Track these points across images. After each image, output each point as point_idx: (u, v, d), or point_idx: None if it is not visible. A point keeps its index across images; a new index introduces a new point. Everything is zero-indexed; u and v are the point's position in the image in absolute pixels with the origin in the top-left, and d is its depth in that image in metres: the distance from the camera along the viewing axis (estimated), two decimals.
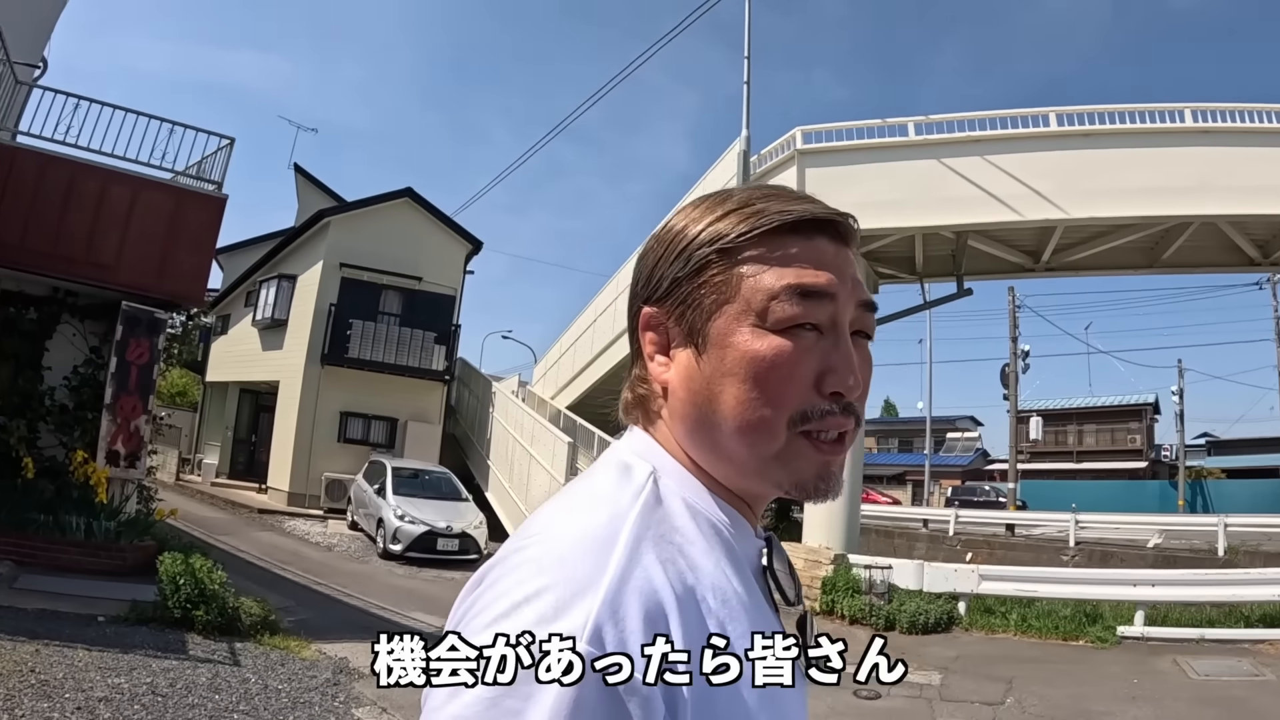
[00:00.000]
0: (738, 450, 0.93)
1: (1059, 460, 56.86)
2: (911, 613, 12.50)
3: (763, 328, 0.91)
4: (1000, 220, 15.70)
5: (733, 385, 0.92)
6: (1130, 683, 9.65)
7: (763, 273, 0.92)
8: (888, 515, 34.35)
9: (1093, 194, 15.75)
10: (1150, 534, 24.73)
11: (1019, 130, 15.87)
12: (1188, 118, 16.32)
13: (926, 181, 15.65)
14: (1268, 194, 16.09)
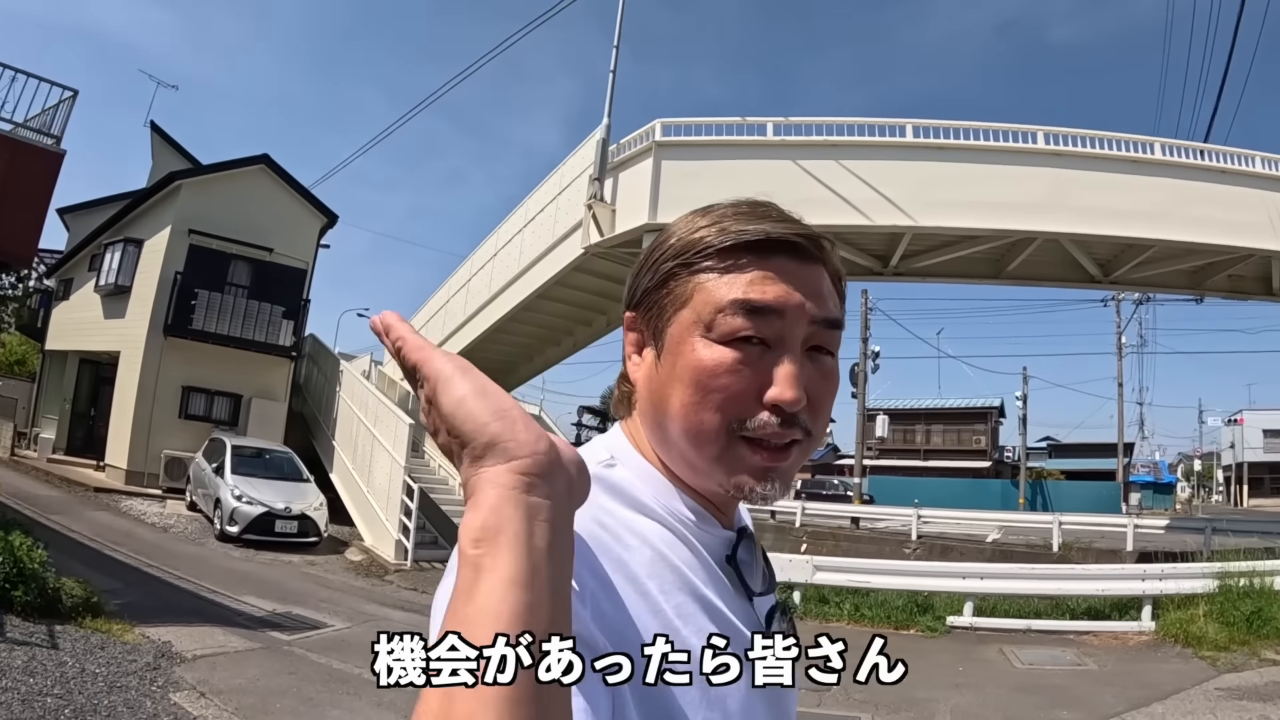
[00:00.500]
0: (685, 450, 1.00)
1: (907, 457, 59.08)
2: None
3: (709, 338, 0.96)
4: (850, 223, 15.95)
5: (679, 389, 0.97)
6: (956, 670, 10.01)
7: (714, 287, 0.98)
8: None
9: (941, 204, 16.26)
10: (990, 529, 25.64)
11: (875, 138, 16.28)
12: (1040, 139, 17.02)
13: (781, 181, 15.71)
14: (1110, 216, 16.93)
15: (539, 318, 21.37)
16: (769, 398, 0.95)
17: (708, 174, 15.83)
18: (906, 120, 16.46)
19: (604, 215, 16.06)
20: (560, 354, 25.24)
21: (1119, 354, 46.88)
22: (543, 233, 18.78)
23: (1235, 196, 18.33)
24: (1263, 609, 11.94)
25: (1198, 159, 18.27)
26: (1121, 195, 17.24)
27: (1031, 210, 16.61)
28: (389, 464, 17.76)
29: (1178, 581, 12.94)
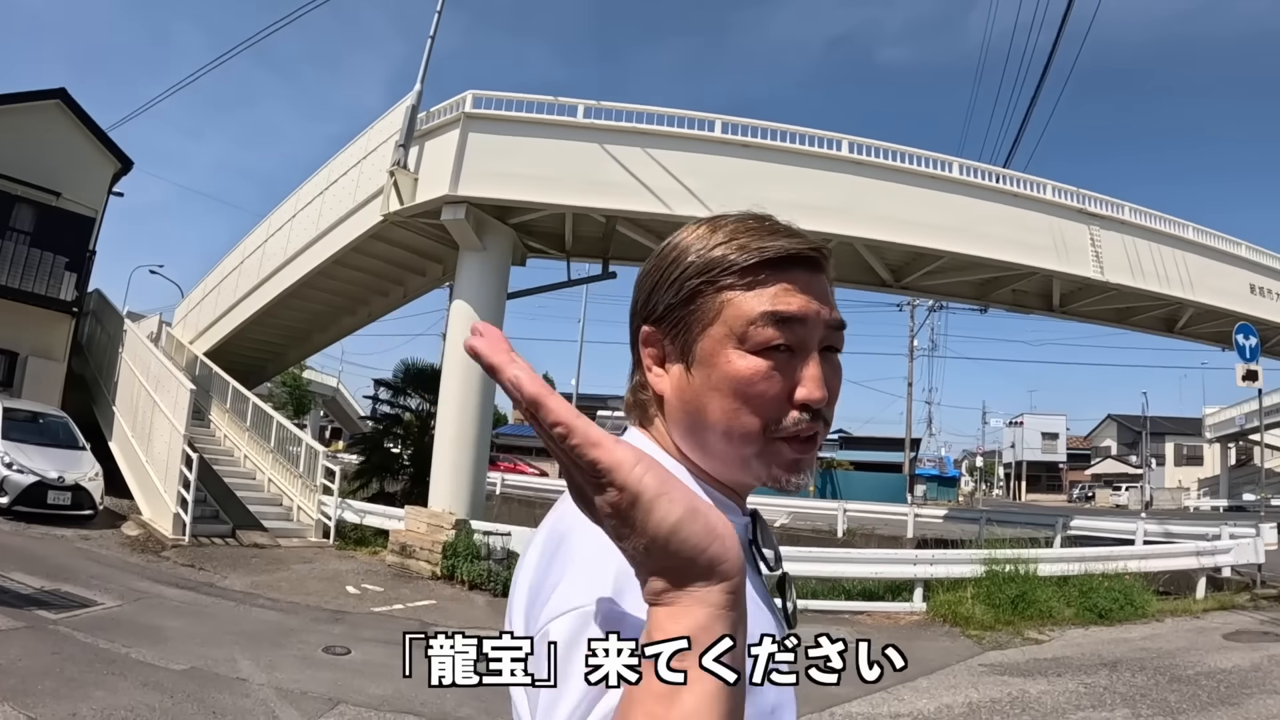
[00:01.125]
0: (724, 450, 1.10)
1: None
2: None
3: (742, 349, 1.07)
4: (649, 210, 16.13)
5: (718, 398, 1.07)
6: None
7: (743, 301, 1.07)
8: (532, 486, 34.72)
9: (741, 200, 15.69)
10: (780, 515, 26.73)
11: (684, 130, 16.41)
12: (844, 147, 17.56)
13: (586, 164, 15.85)
14: (903, 226, 17.60)
15: (335, 285, 20.67)
16: (799, 398, 1.07)
17: (515, 151, 15.71)
18: (716, 116, 16.68)
19: (405, 183, 15.66)
20: (355, 324, 24.45)
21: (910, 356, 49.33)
22: (344, 197, 18.13)
23: (1024, 219, 19.35)
24: (1026, 593, 12.94)
25: (993, 181, 19.23)
26: (917, 207, 17.95)
27: (829, 213, 17.03)
28: (169, 431, 16.72)
29: (948, 566, 13.81)
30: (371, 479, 21.44)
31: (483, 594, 12.76)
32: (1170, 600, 14.56)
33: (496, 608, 11.79)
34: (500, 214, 16.47)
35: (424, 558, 14.21)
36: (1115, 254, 21.04)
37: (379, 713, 6.76)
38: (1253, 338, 17.91)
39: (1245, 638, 11.95)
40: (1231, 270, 24.67)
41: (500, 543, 13.66)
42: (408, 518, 15.31)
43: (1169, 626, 12.84)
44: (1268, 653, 10.90)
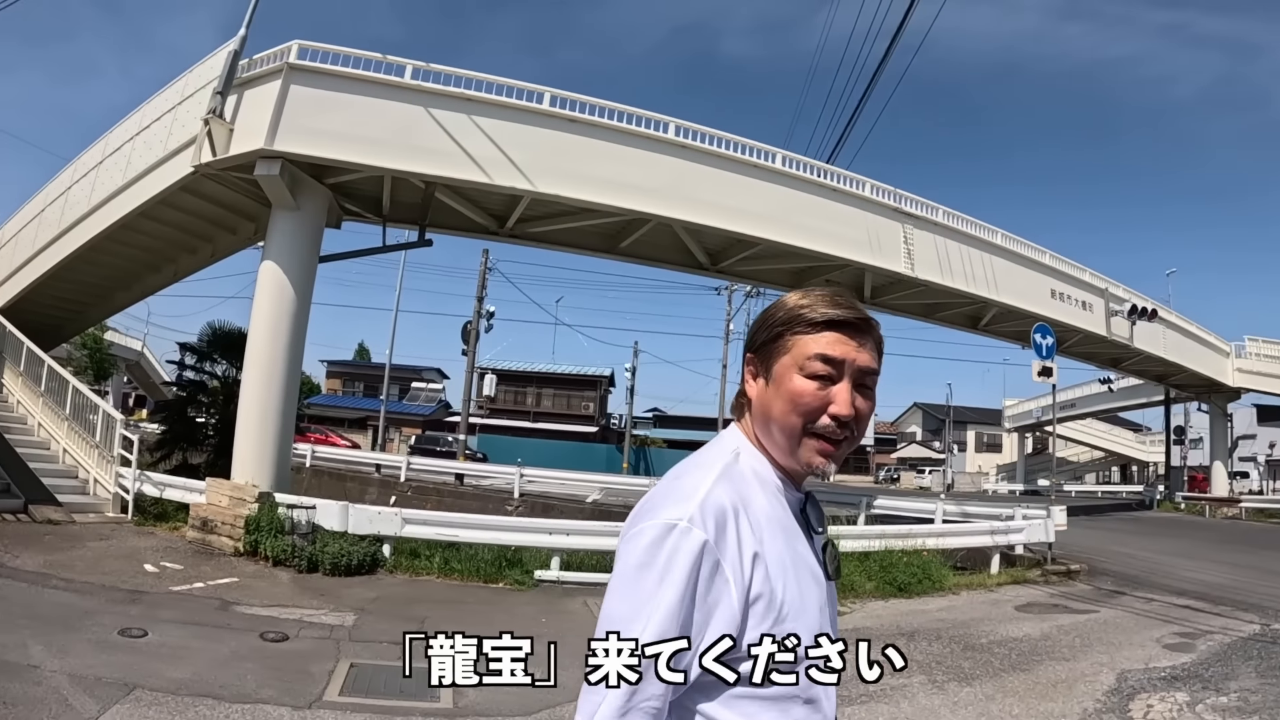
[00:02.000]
0: (779, 438, 1.62)
1: (518, 418, 60.34)
2: (334, 554, 12.19)
3: (801, 374, 1.59)
4: (470, 179, 15.87)
5: (779, 403, 1.60)
6: (539, 621, 10.13)
7: (806, 343, 1.60)
8: (342, 458, 34.09)
9: (564, 174, 16.49)
10: (592, 490, 26.80)
11: (512, 100, 16.17)
12: (671, 130, 17.67)
13: (409, 126, 15.45)
14: (724, 211, 17.84)
15: (141, 239, 19.48)
16: (831, 410, 1.58)
17: (337, 108, 15.15)
18: (545, 88, 16.54)
19: (220, 134, 14.78)
20: (161, 282, 23.07)
21: (726, 339, 50.21)
22: (155, 144, 17.05)
23: (842, 214, 19.88)
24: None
25: (815, 175, 19.69)
26: (739, 194, 18.24)
27: (651, 194, 17.22)
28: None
29: None
30: (174, 450, 20.36)
31: (287, 570, 12.23)
32: (967, 575, 15.30)
33: (301, 585, 11.41)
34: (317, 173, 15.82)
35: (226, 533, 13.51)
36: (926, 252, 21.83)
37: (177, 697, 6.40)
38: (1049, 337, 18.78)
39: (1035, 609, 12.64)
40: (1034, 275, 25.97)
41: (305, 516, 13.09)
42: (209, 490, 14.51)
43: (965, 599, 13.46)
44: (1056, 623, 11.56)
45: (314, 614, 9.71)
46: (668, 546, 1.43)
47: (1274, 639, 10.63)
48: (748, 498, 1.56)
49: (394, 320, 51.50)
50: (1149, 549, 21.73)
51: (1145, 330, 31.39)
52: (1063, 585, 15.17)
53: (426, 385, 65.62)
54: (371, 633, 9.02)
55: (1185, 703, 7.59)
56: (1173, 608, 12.94)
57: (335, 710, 6.46)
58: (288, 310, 15.50)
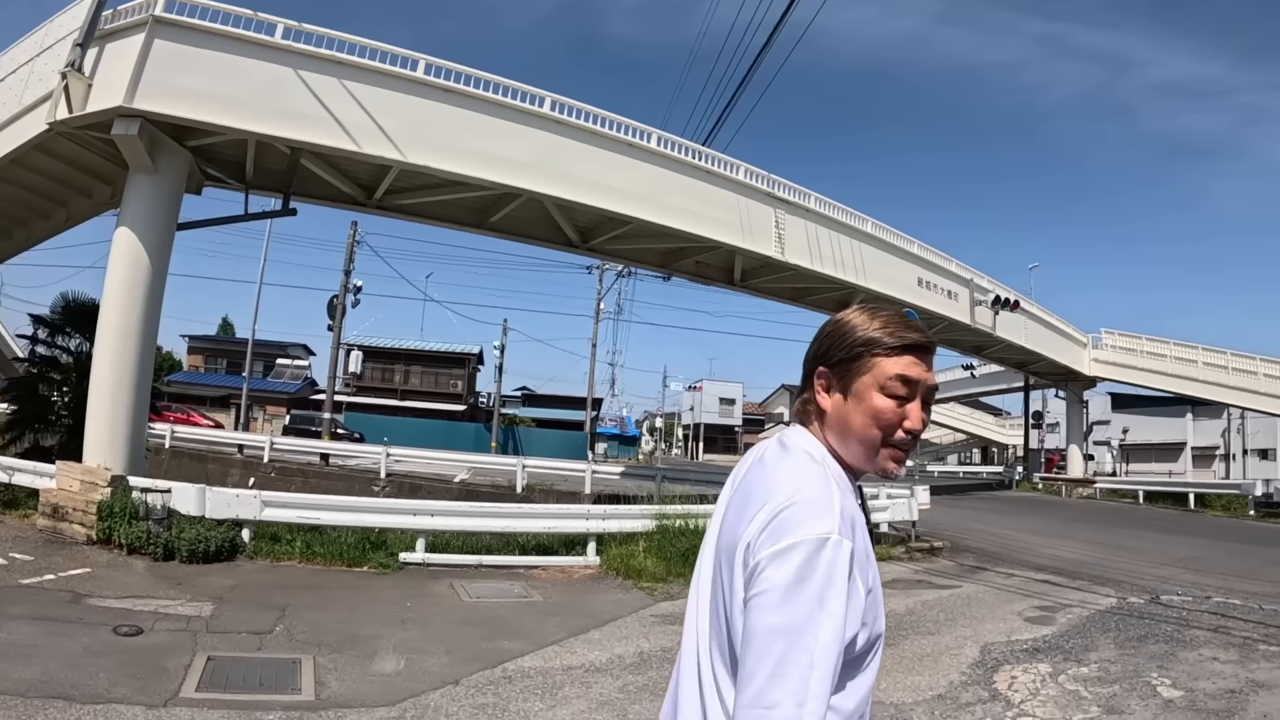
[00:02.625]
0: (858, 449, 1.72)
1: (386, 396, 59.54)
2: (191, 540, 11.65)
3: (881, 393, 1.69)
4: (338, 146, 15.48)
5: (860, 418, 1.70)
6: (404, 606, 9.89)
7: (888, 365, 1.69)
8: (204, 439, 33.06)
9: (434, 145, 16.23)
10: (460, 470, 26.46)
11: (385, 66, 15.84)
12: (547, 105, 17.56)
13: (276, 88, 14.96)
14: (595, 189, 17.82)
15: None
16: (907, 426, 1.70)
17: (202, 66, 14.46)
18: (421, 55, 16.26)
19: (78, 89, 13.84)
20: (12, 249, 21.62)
21: (596, 318, 50.52)
22: (9, 99, 15.86)
23: (714, 196, 20.00)
24: (696, 545, 13.08)
25: (689, 157, 19.75)
26: (612, 172, 18.22)
27: (523, 168, 17.08)
28: None
29: (621, 521, 14.06)
30: (25, 431, 19.26)
31: (143, 558, 11.66)
32: None
33: (158, 574, 10.91)
34: (178, 134, 15.03)
35: (78, 520, 12.74)
36: (797, 237, 22.12)
37: (25, 700, 6.00)
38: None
39: (900, 585, 12.94)
40: (903, 264, 26.58)
41: (160, 501, 12.46)
42: (60, 475, 13.59)
43: None
44: (920, 598, 11.87)
45: (170, 605, 9.30)
46: (824, 560, 1.48)
47: (1130, 612, 11.08)
48: (850, 501, 1.65)
49: (258, 294, 50.33)
50: (1009, 527, 22.55)
51: (1008, 320, 32.47)
52: (926, 562, 15.61)
53: (292, 362, 64.13)
54: (230, 623, 8.70)
55: (1048, 674, 7.83)
56: (1033, 582, 13.41)
57: (192, 707, 6.17)
58: (143, 279, 14.71)
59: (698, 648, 1.69)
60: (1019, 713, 6.69)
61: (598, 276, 48.40)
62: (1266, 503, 30.76)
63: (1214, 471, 55.91)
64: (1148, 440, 59.73)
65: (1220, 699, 7.06)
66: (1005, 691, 7.24)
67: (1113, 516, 28.34)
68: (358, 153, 15.56)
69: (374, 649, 7.89)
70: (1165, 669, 8.05)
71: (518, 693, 6.81)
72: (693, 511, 14.26)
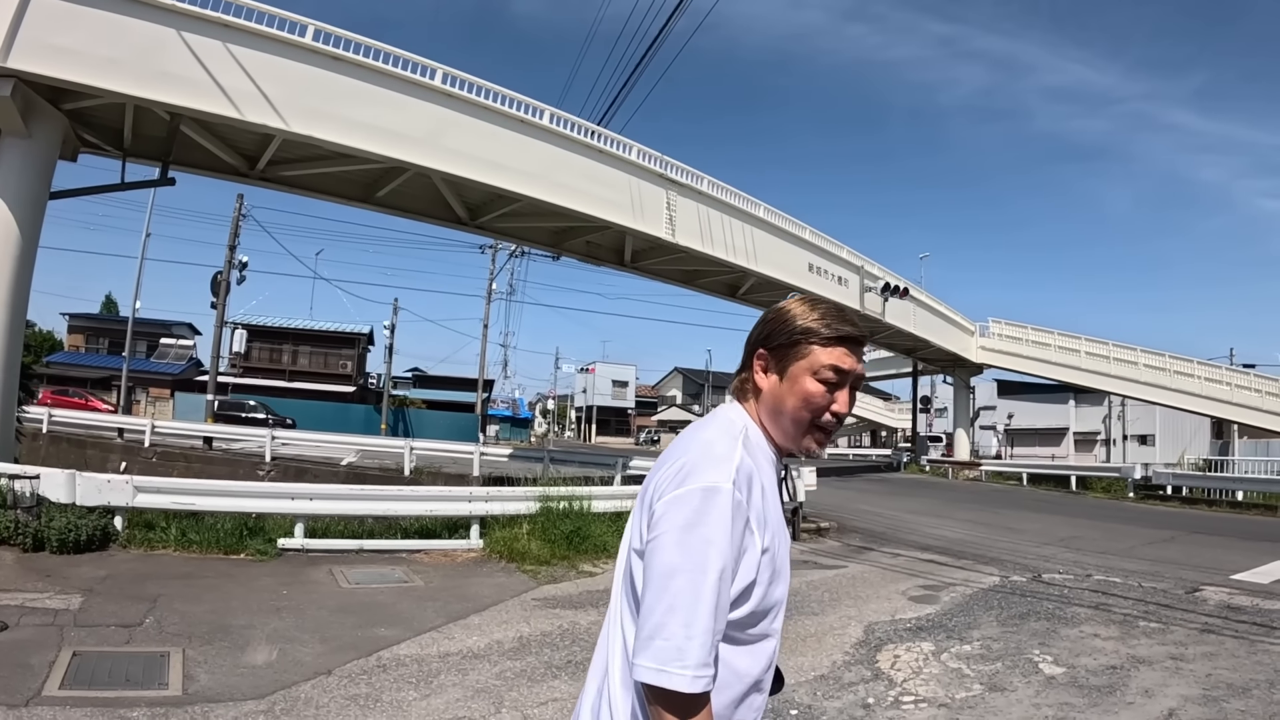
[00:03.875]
0: (788, 427, 1.85)
1: (273, 377, 58.40)
2: (61, 529, 11.04)
3: (814, 378, 1.81)
4: (220, 113, 15.08)
5: (793, 399, 1.82)
6: (280, 594, 9.62)
7: (822, 354, 1.81)
8: (83, 422, 32.02)
9: (320, 115, 15.91)
10: (348, 453, 25.91)
11: (272, 30, 15.46)
12: (438, 77, 17.34)
13: (157, 49, 14.42)
14: (485, 165, 17.69)
15: None
16: (834, 410, 1.83)
17: (84, 24, 13.78)
18: (310, 21, 15.92)
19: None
20: None
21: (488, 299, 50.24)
22: None
23: (606, 175, 20.00)
24: (581, 528, 13.37)
25: (582, 135, 19.71)
26: (503, 149, 18.11)
27: (411, 142, 16.89)
28: None
29: (504, 503, 13.88)
30: None
31: (10, 549, 11.00)
32: None
33: (26, 565, 10.40)
34: (54, 96, 14.41)
35: None
36: (689, 220, 22.24)
37: None
38: None
39: None
40: (794, 249, 26.90)
41: (29, 488, 11.74)
42: None
43: None
44: (805, 579, 11.93)
45: (37, 598, 8.90)
46: (714, 505, 1.60)
47: (1013, 590, 11.37)
48: (760, 466, 1.77)
49: (139, 270, 48.40)
50: (896, 508, 23.06)
51: (897, 307, 33.16)
52: (813, 542, 15.80)
53: (176, 341, 62.28)
54: (99, 616, 8.38)
55: (931, 652, 7.96)
56: (918, 562, 13.71)
57: (54, 706, 5.90)
58: (11, 252, 14.02)
59: (616, 598, 1.82)
60: (901, 691, 6.75)
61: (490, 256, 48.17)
62: (1145, 485, 31.79)
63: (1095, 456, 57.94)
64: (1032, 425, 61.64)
65: (1102, 675, 7.22)
66: (888, 671, 7.33)
67: (998, 498, 29.19)
68: (240, 120, 15.18)
69: (246, 640, 7.68)
70: (1047, 646, 8.23)
71: (391, 681, 6.68)
72: (576, 493, 14.23)
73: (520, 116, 18.58)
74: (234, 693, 6.31)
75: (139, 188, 18.33)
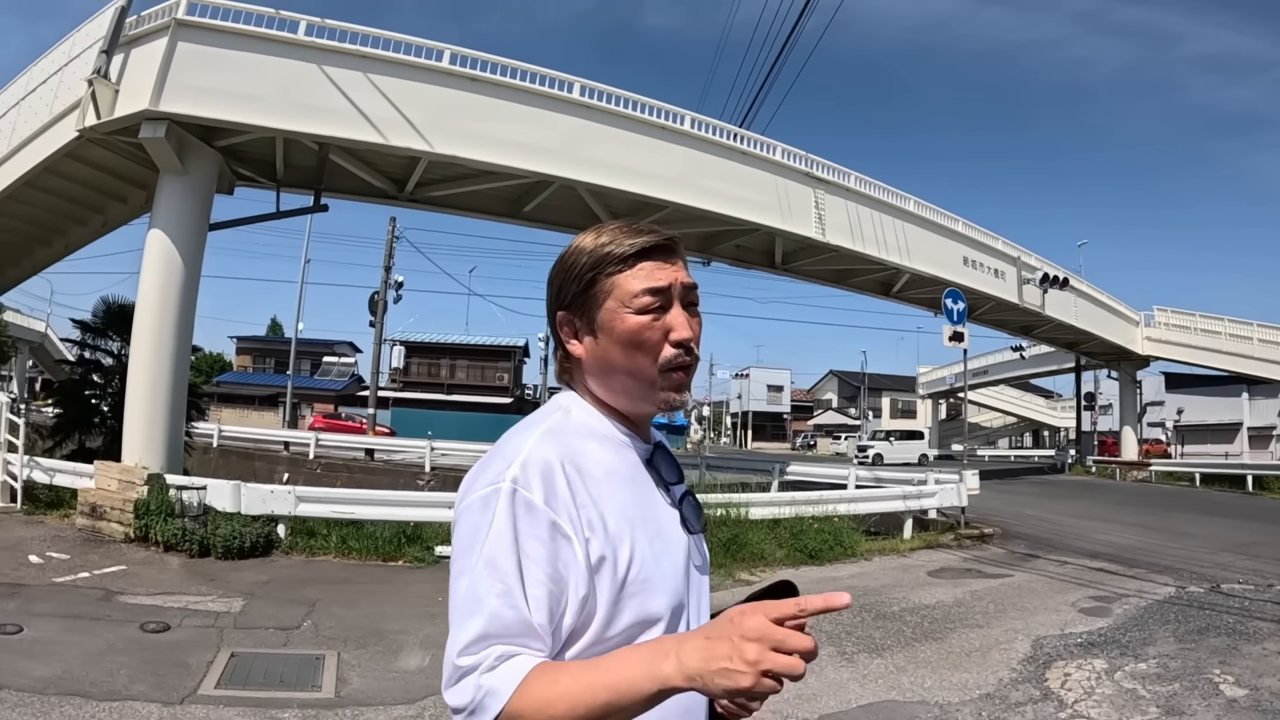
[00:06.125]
0: (629, 385, 1.52)
1: (431, 391, 59.77)
2: (227, 536, 11.67)
3: (631, 312, 1.48)
4: (365, 140, 15.49)
5: (619, 349, 1.50)
6: (435, 600, 9.68)
7: (626, 281, 1.49)
8: (250, 437, 33.49)
9: (463, 135, 16.12)
10: None
11: (409, 57, 15.79)
12: (576, 89, 17.41)
13: (302, 85, 14.96)
14: (628, 174, 17.64)
15: (27, 211, 18.59)
16: (673, 338, 1.49)
17: (227, 66, 14.51)
18: (445, 45, 16.16)
19: (105, 95, 14.04)
20: (52, 255, 22.07)
21: None
22: (40, 109, 16.21)
23: (752, 177, 19.74)
24: (738, 535, 13.26)
25: (725, 138, 19.52)
26: (646, 156, 18.05)
27: (554, 155, 16.96)
28: None
29: None
30: (71, 433, 19.48)
31: (178, 555, 11.67)
32: (879, 540, 15.25)
33: (191, 570, 10.92)
34: (206, 135, 15.14)
35: (116, 518, 12.83)
36: (838, 218, 21.82)
37: (43, 697, 5.98)
38: (960, 303, 18.83)
39: (949, 575, 12.61)
40: (947, 242, 26.11)
41: (197, 498, 12.50)
42: (98, 474, 13.73)
43: (876, 565, 13.40)
44: (969, 588, 11.51)
45: (200, 601, 9.27)
46: (491, 513, 1.33)
47: (1189, 602, 10.62)
48: (582, 453, 1.45)
49: (299, 292, 50.14)
50: (1061, 512, 22.05)
51: (1057, 299, 31.86)
52: (976, 549, 15.23)
53: (338, 359, 64.70)
54: (258, 618, 8.64)
55: (1103, 670, 7.48)
56: (1087, 570, 12.99)
57: (208, 704, 6.07)
58: (176, 281, 14.84)
59: None
60: (1073, 714, 6.35)
61: None
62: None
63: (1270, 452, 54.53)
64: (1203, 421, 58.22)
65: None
66: (1058, 690, 6.91)
67: (1168, 500, 27.51)
68: (386, 145, 15.55)
69: (400, 645, 7.78)
70: (1228, 665, 7.63)
71: None
72: (733, 500, 14.11)
73: (659, 123, 18.47)
74: (385, 696, 6.39)
75: (293, 215, 18.89)
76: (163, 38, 14.31)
